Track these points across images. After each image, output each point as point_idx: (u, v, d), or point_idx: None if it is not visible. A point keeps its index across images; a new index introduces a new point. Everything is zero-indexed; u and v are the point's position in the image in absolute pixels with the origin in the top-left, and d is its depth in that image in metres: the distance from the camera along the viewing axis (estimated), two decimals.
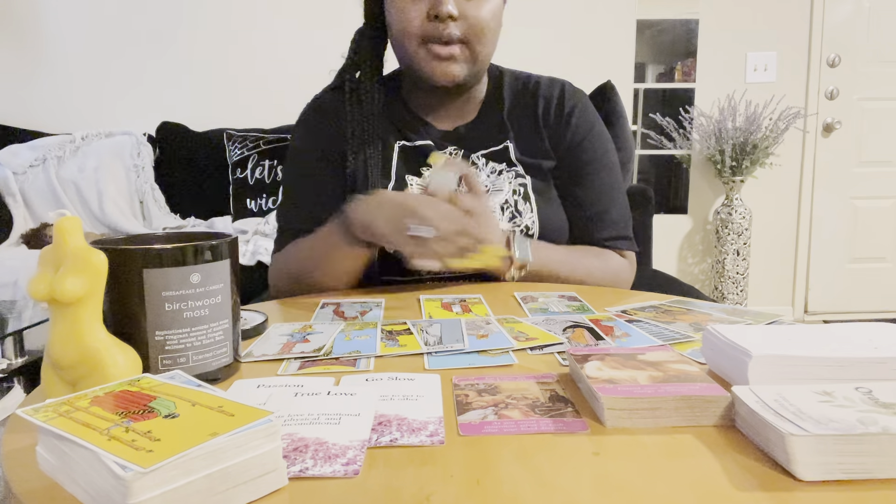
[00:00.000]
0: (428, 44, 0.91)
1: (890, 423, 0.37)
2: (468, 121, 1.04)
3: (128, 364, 0.47)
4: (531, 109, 1.04)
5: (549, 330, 0.66)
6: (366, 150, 0.99)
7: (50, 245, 0.48)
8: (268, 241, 2.22)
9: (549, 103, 1.04)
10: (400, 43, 0.94)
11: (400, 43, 0.94)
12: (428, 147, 1.01)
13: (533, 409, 0.47)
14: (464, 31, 0.90)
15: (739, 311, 0.74)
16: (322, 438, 0.41)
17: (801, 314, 3.31)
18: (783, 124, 2.92)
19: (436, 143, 1.01)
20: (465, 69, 0.93)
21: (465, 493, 0.36)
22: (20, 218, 2.55)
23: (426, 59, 0.92)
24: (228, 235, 0.55)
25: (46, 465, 0.38)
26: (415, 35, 0.91)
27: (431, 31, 0.90)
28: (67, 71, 2.94)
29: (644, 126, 3.16)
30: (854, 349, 0.48)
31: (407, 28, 0.91)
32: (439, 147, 1.01)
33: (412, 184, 0.99)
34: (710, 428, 0.43)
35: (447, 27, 0.89)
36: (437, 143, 1.01)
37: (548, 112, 1.03)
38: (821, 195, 3.22)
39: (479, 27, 0.91)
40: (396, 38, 0.94)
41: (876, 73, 3.16)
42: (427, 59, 0.92)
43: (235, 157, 2.68)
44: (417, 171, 1.00)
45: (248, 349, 0.62)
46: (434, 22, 0.89)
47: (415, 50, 0.92)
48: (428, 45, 0.91)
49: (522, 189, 0.99)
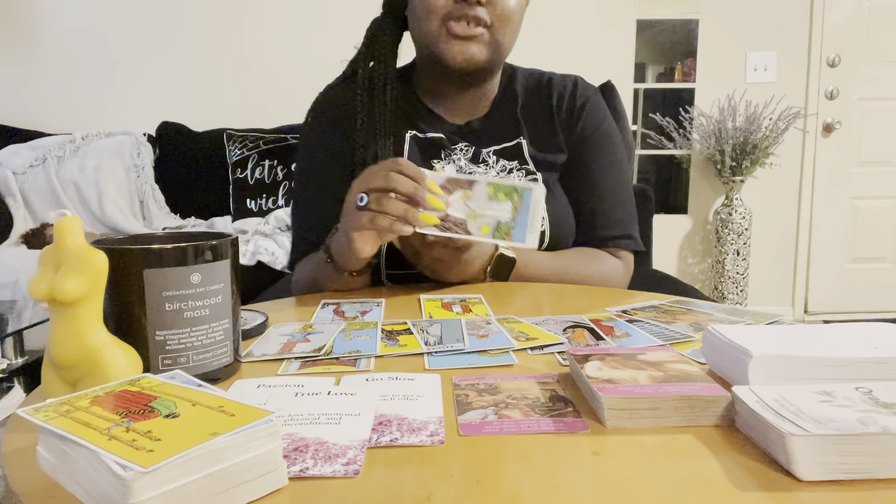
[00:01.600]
0: (449, 22, 0.91)
1: (890, 423, 0.37)
2: (480, 116, 1.03)
3: (128, 364, 0.47)
4: (546, 103, 1.04)
5: (550, 330, 0.66)
6: (376, 141, 0.99)
7: (50, 245, 0.48)
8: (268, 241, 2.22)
9: (562, 96, 1.04)
10: (421, 23, 0.93)
11: (421, 23, 0.93)
12: (440, 140, 1.01)
13: (533, 409, 0.47)
14: (488, 15, 0.90)
15: (739, 311, 0.74)
16: (322, 438, 0.41)
17: (801, 314, 3.31)
18: (783, 124, 2.93)
19: (448, 136, 1.01)
20: (484, 53, 0.93)
21: (465, 493, 0.36)
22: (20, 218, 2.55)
23: (445, 38, 0.92)
24: (228, 235, 0.55)
25: (47, 464, 0.38)
26: (439, 13, 0.91)
27: (456, 11, 0.90)
28: (67, 71, 2.94)
29: (644, 126, 3.16)
30: (854, 349, 0.48)
31: (431, 6, 0.90)
32: (451, 141, 1.01)
33: None
34: (710, 428, 0.43)
35: (473, 9, 0.89)
36: (448, 137, 1.01)
37: (561, 105, 1.04)
38: (821, 195, 3.22)
39: (503, 13, 0.91)
40: (419, 17, 0.94)
41: (876, 73, 3.16)
42: (446, 39, 0.92)
43: (235, 157, 2.68)
44: (429, 164, 1.00)
45: (248, 349, 0.62)
46: (460, 2, 0.89)
47: (436, 29, 0.92)
48: (448, 24, 0.91)
49: None
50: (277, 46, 2.98)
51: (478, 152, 1.01)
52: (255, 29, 2.97)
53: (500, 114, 1.04)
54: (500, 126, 1.03)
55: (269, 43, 2.98)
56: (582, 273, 0.97)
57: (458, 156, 1.00)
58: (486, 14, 0.90)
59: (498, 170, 1.00)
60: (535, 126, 1.03)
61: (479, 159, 1.01)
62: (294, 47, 2.97)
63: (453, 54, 0.92)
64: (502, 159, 1.01)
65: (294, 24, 2.98)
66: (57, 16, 2.92)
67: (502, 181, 0.81)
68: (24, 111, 2.91)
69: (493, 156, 1.01)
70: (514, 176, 0.99)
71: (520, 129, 1.02)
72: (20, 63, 2.93)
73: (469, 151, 1.01)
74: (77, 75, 2.95)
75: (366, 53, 1.02)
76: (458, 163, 1.00)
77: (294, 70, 2.93)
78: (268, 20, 2.97)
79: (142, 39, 2.95)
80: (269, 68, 2.98)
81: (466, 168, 1.00)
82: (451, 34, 0.91)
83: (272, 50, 2.98)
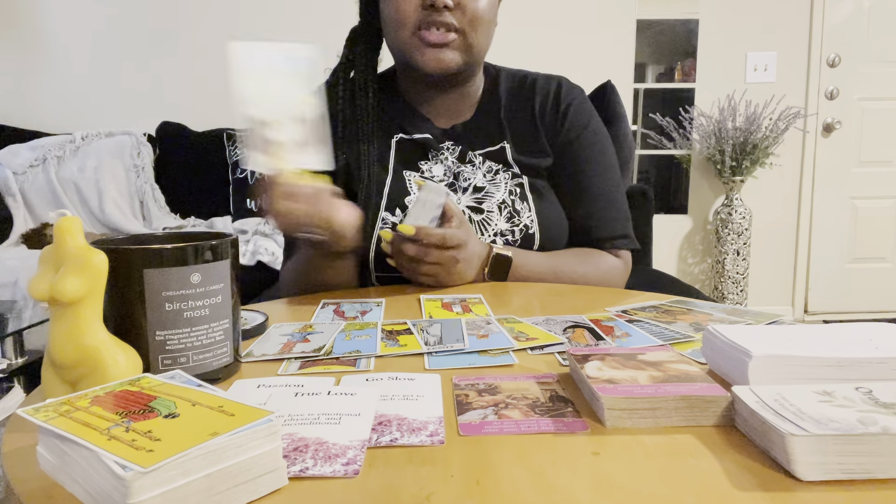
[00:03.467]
0: (421, 31, 0.91)
1: (890, 423, 0.37)
2: (465, 119, 1.04)
3: (128, 364, 0.47)
4: (528, 107, 1.04)
5: (550, 330, 0.66)
6: (360, 147, 0.99)
7: (50, 245, 0.48)
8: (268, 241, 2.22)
9: (545, 99, 1.04)
10: (393, 33, 0.94)
11: (393, 33, 0.94)
12: (427, 140, 1.01)
13: (533, 409, 0.47)
14: (458, 20, 0.91)
15: (739, 311, 0.74)
16: (322, 438, 0.41)
17: (801, 314, 3.31)
18: (783, 124, 2.93)
19: (435, 137, 1.02)
20: (458, 58, 0.93)
21: (465, 493, 0.36)
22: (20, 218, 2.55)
23: (419, 46, 0.92)
24: (228, 235, 0.55)
25: (47, 464, 0.38)
26: (409, 24, 0.91)
27: (426, 20, 0.90)
28: (68, 71, 2.94)
29: (644, 126, 3.16)
30: (854, 349, 0.48)
31: (401, 17, 0.91)
32: (438, 141, 1.01)
33: (409, 178, 0.99)
34: (710, 428, 0.43)
35: (442, 15, 0.90)
36: (435, 138, 1.01)
37: (544, 108, 1.03)
38: (821, 195, 3.22)
39: (474, 17, 0.91)
40: (391, 28, 0.95)
41: (876, 73, 3.16)
42: (419, 47, 0.92)
43: (235, 157, 2.68)
44: (416, 166, 1.00)
45: (248, 349, 0.62)
46: (429, 10, 0.90)
47: (407, 39, 0.93)
48: (420, 33, 0.91)
49: (519, 189, 0.99)
50: None
51: (465, 152, 1.01)
52: (256, 29, 2.97)
53: (484, 117, 1.04)
54: (485, 130, 1.03)
55: None
56: (580, 272, 0.97)
57: (445, 155, 1.01)
58: (457, 19, 0.90)
59: (485, 171, 1.00)
60: (519, 130, 1.03)
61: (465, 159, 1.01)
62: None
63: (428, 62, 0.92)
64: (488, 161, 1.01)
65: (294, 24, 2.98)
66: (57, 16, 2.92)
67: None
68: (24, 111, 2.91)
69: (479, 157, 1.01)
70: (501, 177, 0.99)
71: (503, 134, 1.02)
72: (20, 63, 2.93)
73: (456, 151, 1.01)
74: (77, 75, 2.94)
75: (346, 62, 1.03)
76: (445, 163, 1.00)
77: None
78: (268, 20, 2.97)
79: (142, 39, 2.95)
80: None
81: (454, 168, 1.00)
82: (425, 42, 0.91)
83: None
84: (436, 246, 0.83)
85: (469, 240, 0.86)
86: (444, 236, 0.82)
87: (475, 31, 0.92)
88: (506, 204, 0.97)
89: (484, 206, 0.97)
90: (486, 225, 0.96)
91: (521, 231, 0.96)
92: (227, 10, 2.96)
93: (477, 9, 0.91)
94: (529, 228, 0.97)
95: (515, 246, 0.96)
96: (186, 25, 2.95)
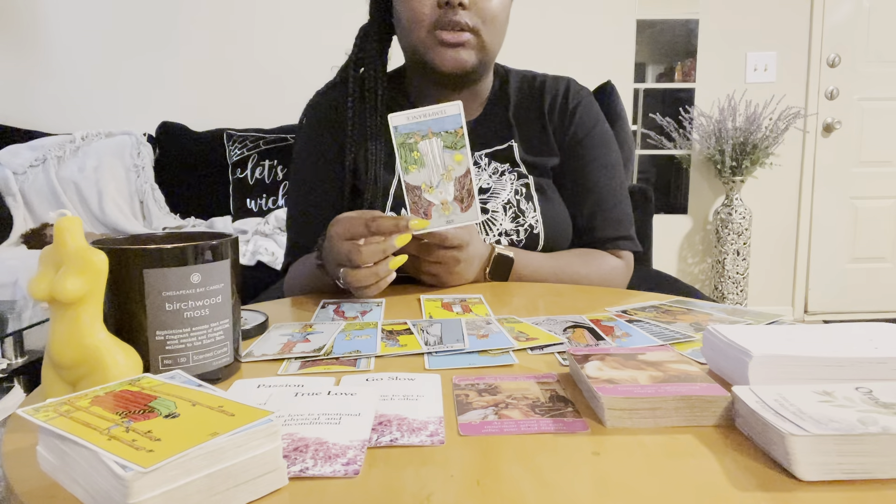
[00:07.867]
0: (437, 31, 0.91)
1: (890, 423, 0.37)
2: (473, 118, 1.04)
3: (128, 364, 0.47)
4: (537, 106, 1.04)
5: (550, 330, 0.66)
6: (367, 146, 0.99)
7: (50, 245, 0.48)
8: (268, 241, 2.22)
9: (554, 99, 1.04)
10: (408, 32, 0.94)
11: (408, 32, 0.94)
12: None
13: (533, 409, 0.47)
14: (473, 20, 0.91)
15: (739, 311, 0.74)
16: (322, 438, 0.41)
17: (801, 314, 3.31)
18: (783, 124, 2.93)
19: None
20: (473, 57, 0.94)
21: (465, 493, 0.36)
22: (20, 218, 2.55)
23: (435, 46, 0.92)
24: (229, 235, 0.55)
25: (47, 464, 0.38)
26: (425, 23, 0.92)
27: (442, 18, 0.90)
28: (68, 71, 2.94)
29: (644, 126, 3.16)
30: (854, 349, 0.48)
31: (417, 16, 0.92)
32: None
33: None
34: (710, 428, 0.43)
35: (457, 14, 0.90)
36: None
37: (553, 108, 1.04)
38: (821, 195, 3.23)
39: (488, 16, 0.92)
40: (405, 27, 0.94)
41: (876, 73, 3.16)
42: (435, 47, 0.92)
43: (235, 157, 2.68)
44: None
45: (248, 349, 0.62)
46: (444, 9, 0.90)
47: (424, 38, 0.93)
48: (436, 33, 0.92)
49: (524, 189, 0.99)
50: (277, 46, 2.98)
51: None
52: (256, 29, 2.97)
53: (493, 116, 1.04)
54: (492, 129, 1.03)
55: (270, 43, 2.98)
56: (581, 272, 0.97)
57: None
58: (472, 18, 0.91)
59: (490, 172, 1.00)
60: (527, 129, 1.03)
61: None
62: (294, 47, 2.97)
63: (444, 61, 0.93)
64: (494, 162, 1.01)
65: (294, 25, 2.98)
66: (57, 16, 2.92)
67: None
68: (24, 111, 2.91)
69: (485, 158, 1.01)
70: (506, 178, 0.99)
71: (511, 133, 1.03)
72: (20, 63, 2.93)
73: None
74: (77, 75, 2.95)
75: (355, 59, 1.03)
76: None
77: (294, 70, 2.93)
78: (268, 20, 2.97)
79: (142, 39, 2.95)
80: (269, 68, 2.98)
81: None
82: (441, 42, 0.92)
83: (272, 50, 2.98)
84: (437, 245, 0.83)
85: (472, 240, 0.86)
86: (446, 235, 0.82)
87: (490, 29, 0.93)
88: (511, 204, 0.97)
89: (489, 206, 0.97)
90: (491, 225, 0.97)
91: (525, 231, 0.96)
92: (227, 10, 2.96)
93: (491, 8, 0.92)
94: (534, 228, 0.97)
95: (520, 246, 0.96)
96: (186, 25, 2.95)
